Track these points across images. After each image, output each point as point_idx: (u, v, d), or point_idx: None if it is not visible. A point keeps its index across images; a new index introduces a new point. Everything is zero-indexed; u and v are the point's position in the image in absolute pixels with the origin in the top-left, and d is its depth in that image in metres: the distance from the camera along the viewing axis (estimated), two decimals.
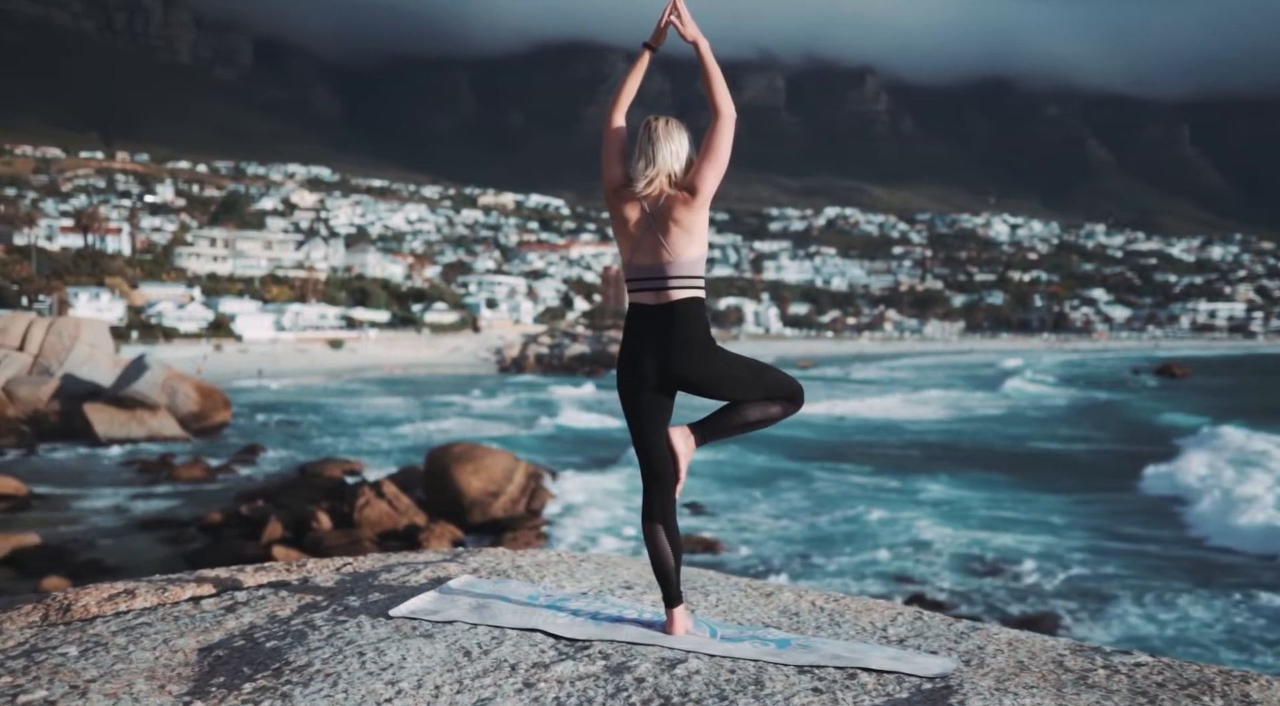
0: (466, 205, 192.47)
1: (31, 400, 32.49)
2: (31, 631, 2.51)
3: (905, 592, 15.47)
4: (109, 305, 71.75)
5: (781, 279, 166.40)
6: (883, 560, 17.73)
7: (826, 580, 16.34)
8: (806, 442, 32.87)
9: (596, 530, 19.65)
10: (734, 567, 17.05)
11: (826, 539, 19.45)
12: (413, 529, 18.21)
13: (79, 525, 19.79)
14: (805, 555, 18.25)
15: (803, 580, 16.43)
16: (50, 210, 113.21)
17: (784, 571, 17.01)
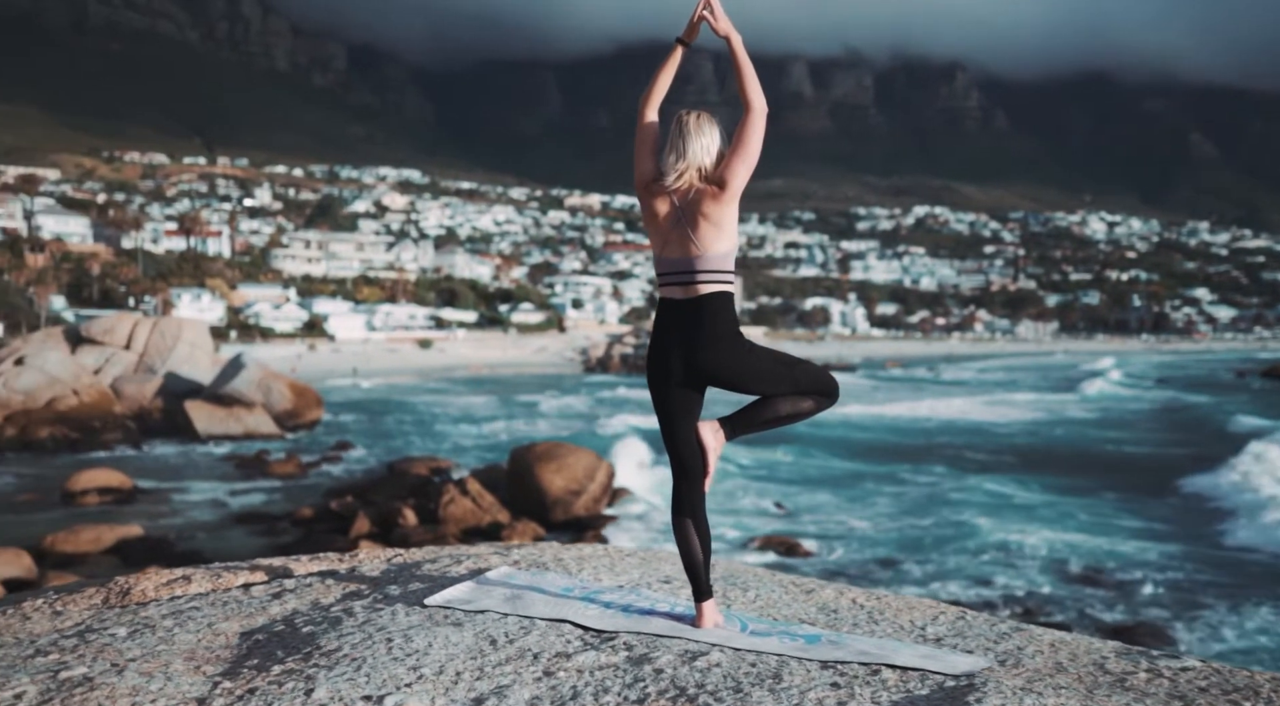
0: (553, 206, 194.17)
1: (136, 397, 33.79)
2: (90, 613, 2.62)
3: (991, 598, 15.19)
4: (209, 306, 74.16)
5: (869, 279, 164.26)
6: (969, 565, 17.41)
7: (909, 587, 16.11)
8: (893, 445, 32.44)
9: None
10: (814, 570, 16.94)
11: (912, 542, 19.16)
12: (496, 526, 18.45)
13: (178, 518, 20.52)
14: (890, 559, 18.01)
15: (886, 585, 16.25)
16: (156, 214, 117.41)
17: (865, 574, 16.84)
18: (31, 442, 28.61)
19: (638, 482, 23.14)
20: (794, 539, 18.83)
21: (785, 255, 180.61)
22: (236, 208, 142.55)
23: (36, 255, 77.16)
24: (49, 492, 22.31)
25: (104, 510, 20.91)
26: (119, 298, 73.28)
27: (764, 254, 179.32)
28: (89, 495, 21.81)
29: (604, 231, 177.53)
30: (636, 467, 24.59)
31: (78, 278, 75.10)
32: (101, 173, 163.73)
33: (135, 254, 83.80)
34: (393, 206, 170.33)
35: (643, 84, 2.91)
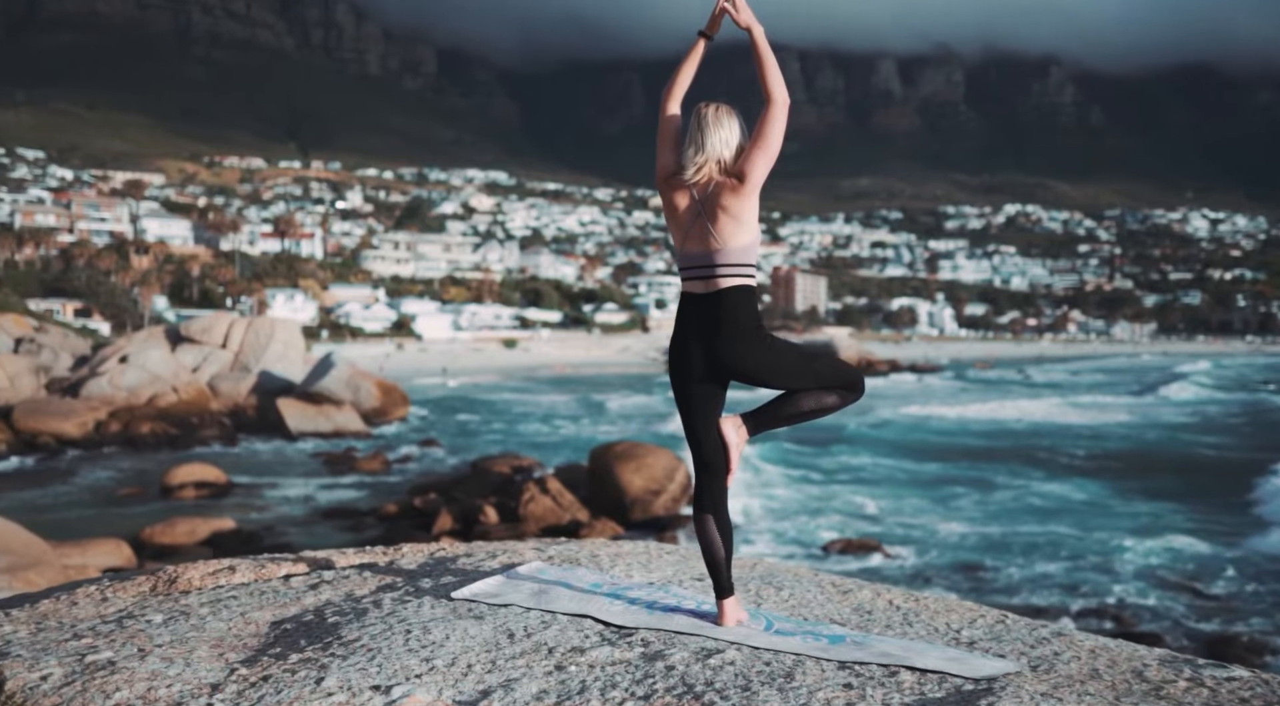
0: (638, 207, 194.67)
1: (232, 395, 34.86)
2: (134, 600, 2.71)
3: (1080, 606, 14.81)
4: (302, 306, 76.12)
5: (958, 279, 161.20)
6: (1057, 572, 17.00)
7: (993, 594, 15.79)
8: (981, 447, 31.83)
9: (752, 533, 19.60)
10: (894, 574, 16.72)
11: (998, 547, 18.78)
12: (575, 525, 18.59)
13: (269, 513, 21.11)
14: (974, 564, 17.68)
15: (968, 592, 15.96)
16: (253, 217, 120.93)
17: (946, 578, 16.56)
18: (134, 438, 29.69)
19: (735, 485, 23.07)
20: (876, 541, 18.61)
21: (871, 255, 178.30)
22: (329, 210, 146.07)
23: (141, 257, 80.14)
24: (149, 486, 23.14)
25: (200, 504, 21.64)
26: (217, 298, 75.72)
27: (849, 253, 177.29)
28: (186, 489, 22.58)
29: None
30: None
31: (179, 279, 77.79)
32: (203, 177, 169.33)
33: (233, 256, 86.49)
34: (479, 208, 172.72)
35: (725, 82, 2.88)
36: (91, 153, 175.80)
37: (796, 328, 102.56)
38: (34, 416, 29.09)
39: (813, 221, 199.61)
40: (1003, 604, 14.99)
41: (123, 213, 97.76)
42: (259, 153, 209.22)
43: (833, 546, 18.26)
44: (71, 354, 37.79)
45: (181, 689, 2.08)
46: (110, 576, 2.92)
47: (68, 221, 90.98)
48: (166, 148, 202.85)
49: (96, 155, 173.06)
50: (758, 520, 20.61)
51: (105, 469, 26.22)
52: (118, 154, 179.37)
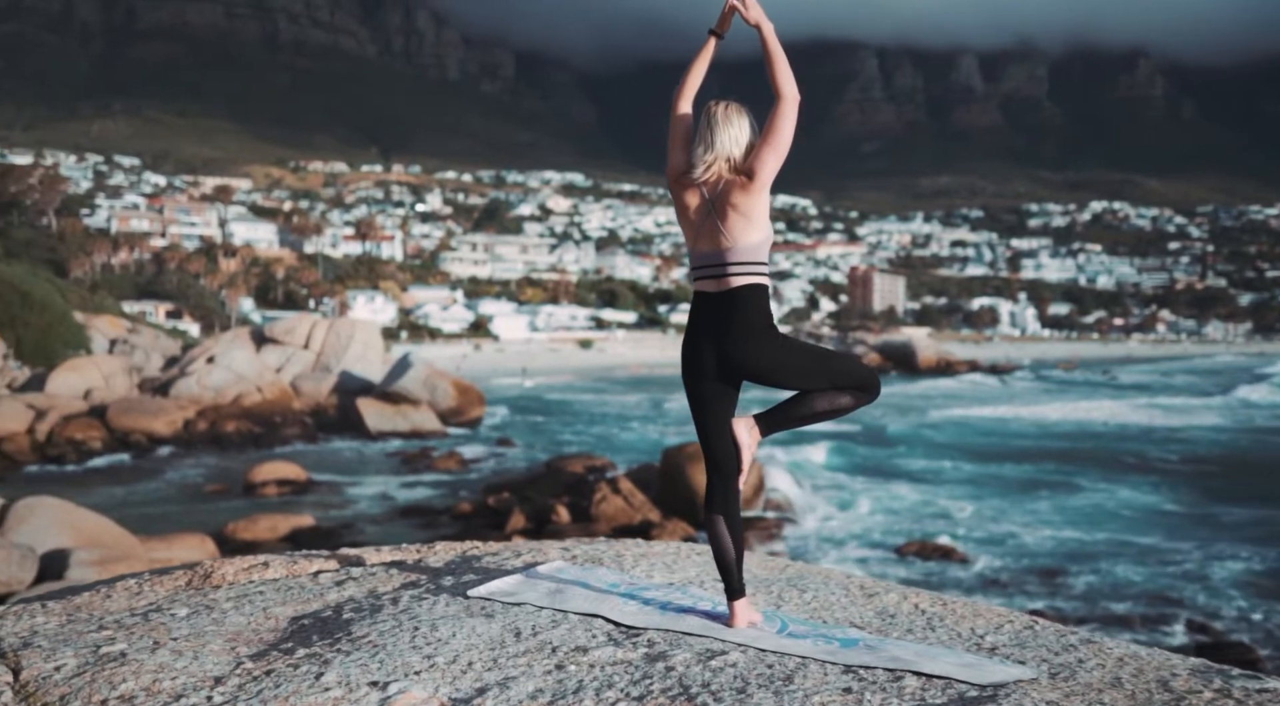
0: None
1: (314, 395, 35.65)
2: (166, 594, 2.79)
3: (1164, 614, 14.40)
4: (382, 307, 77.53)
5: (1041, 278, 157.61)
6: (1140, 579, 16.54)
7: (1070, 601, 15.42)
8: (1063, 450, 31.11)
9: (827, 537, 19.43)
10: (970, 579, 16.43)
11: (1078, 552, 18.36)
12: (646, 525, 18.62)
13: (347, 510, 21.54)
14: (1053, 569, 17.30)
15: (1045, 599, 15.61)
16: (335, 220, 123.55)
17: (1022, 584, 16.22)
18: (220, 436, 30.53)
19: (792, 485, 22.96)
20: (950, 545, 18.32)
21: (951, 254, 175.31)
22: (409, 213, 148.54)
23: (229, 260, 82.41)
24: (233, 483, 23.79)
25: (281, 500, 22.18)
26: (301, 300, 77.54)
27: (928, 253, 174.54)
28: (268, 486, 23.16)
29: None
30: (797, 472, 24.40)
31: (264, 281, 79.83)
32: (288, 182, 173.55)
33: (316, 258, 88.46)
34: (556, 209, 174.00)
35: (802, 81, 2.87)
36: (183, 159, 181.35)
37: (874, 328, 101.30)
38: (127, 415, 30.07)
39: (891, 221, 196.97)
40: (1081, 613, 14.64)
41: (212, 217, 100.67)
42: (342, 157, 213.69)
43: (907, 549, 18.03)
44: (162, 354, 39.03)
45: (185, 681, 2.13)
46: (152, 571, 3.02)
47: (160, 226, 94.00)
48: (254, 153, 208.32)
49: (188, 161, 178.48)
50: (834, 522, 20.43)
51: (192, 466, 27.02)
52: (208, 160, 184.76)
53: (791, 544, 18.50)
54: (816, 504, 22.01)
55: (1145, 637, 13.27)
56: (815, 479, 24.81)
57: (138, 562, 13.39)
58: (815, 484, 24.04)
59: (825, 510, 21.49)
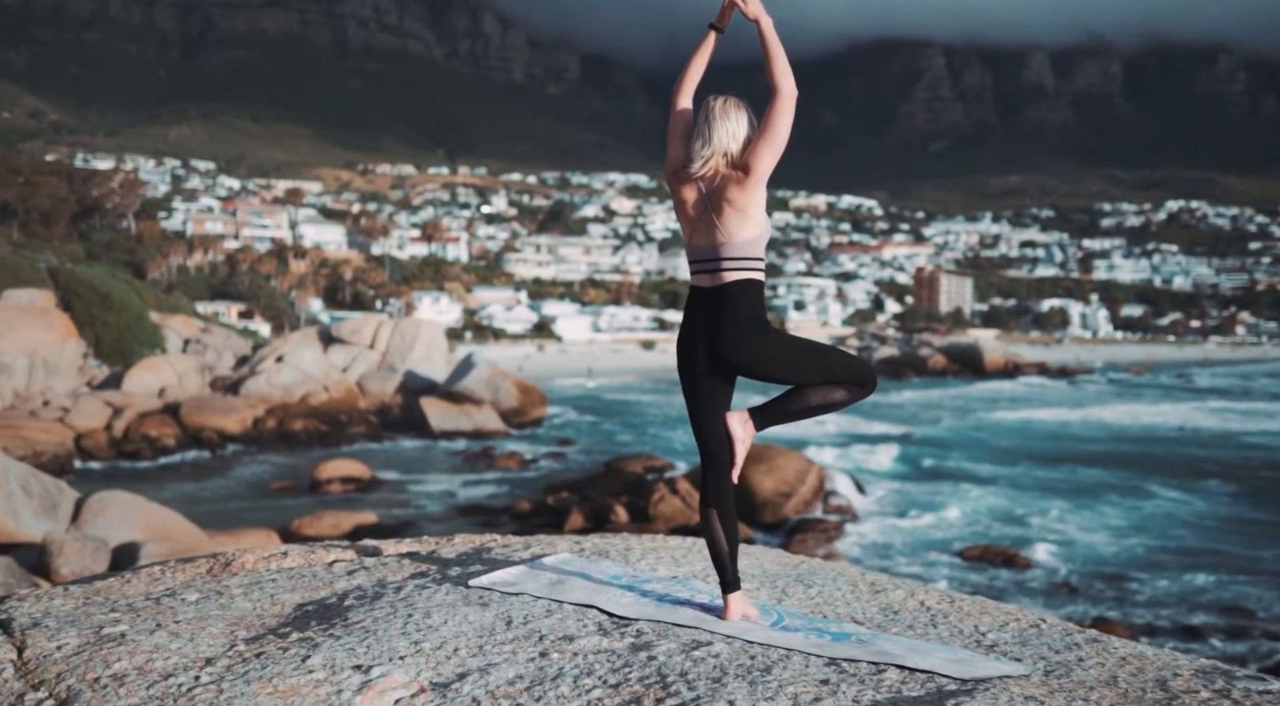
0: (778, 208, 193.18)
1: (379, 394, 36.21)
2: (184, 580, 2.88)
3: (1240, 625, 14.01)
4: (447, 308, 78.47)
5: (1114, 278, 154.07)
6: (1213, 588, 16.13)
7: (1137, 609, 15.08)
8: (1136, 454, 30.43)
9: (887, 540, 19.23)
10: (1032, 584, 16.16)
11: (1147, 559, 17.96)
12: None
13: (410, 508, 21.86)
14: (1120, 575, 16.95)
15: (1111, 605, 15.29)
16: (402, 222, 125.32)
17: (1087, 590, 15.91)
18: (288, 434, 31.15)
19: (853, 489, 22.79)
20: (1014, 549, 18.03)
21: (1021, 254, 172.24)
22: (474, 215, 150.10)
23: (299, 262, 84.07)
24: (300, 480, 24.27)
25: (346, 498, 22.58)
26: (368, 300, 78.79)
27: (997, 253, 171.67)
28: (333, 484, 23.61)
29: (829, 232, 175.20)
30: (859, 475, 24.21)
31: (333, 282, 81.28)
32: (357, 184, 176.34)
33: (383, 260, 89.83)
34: (620, 210, 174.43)
35: (870, 81, 2.82)
36: (256, 163, 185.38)
37: (940, 330, 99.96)
38: (199, 413, 30.84)
39: (959, 221, 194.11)
40: (1149, 620, 14.31)
41: (283, 219, 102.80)
42: (409, 160, 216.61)
43: (970, 553, 17.79)
44: (233, 353, 39.95)
45: (177, 661, 2.20)
46: (179, 559, 3.10)
47: (233, 228, 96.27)
48: (324, 157, 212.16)
49: (261, 165, 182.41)
50: (895, 526, 20.22)
51: (261, 463, 27.63)
52: (280, 163, 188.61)
53: (850, 547, 18.34)
54: (878, 507, 21.81)
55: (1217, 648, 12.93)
56: (878, 482, 24.59)
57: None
58: (877, 487, 23.83)
59: (887, 513, 21.30)
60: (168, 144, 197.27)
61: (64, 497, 15.38)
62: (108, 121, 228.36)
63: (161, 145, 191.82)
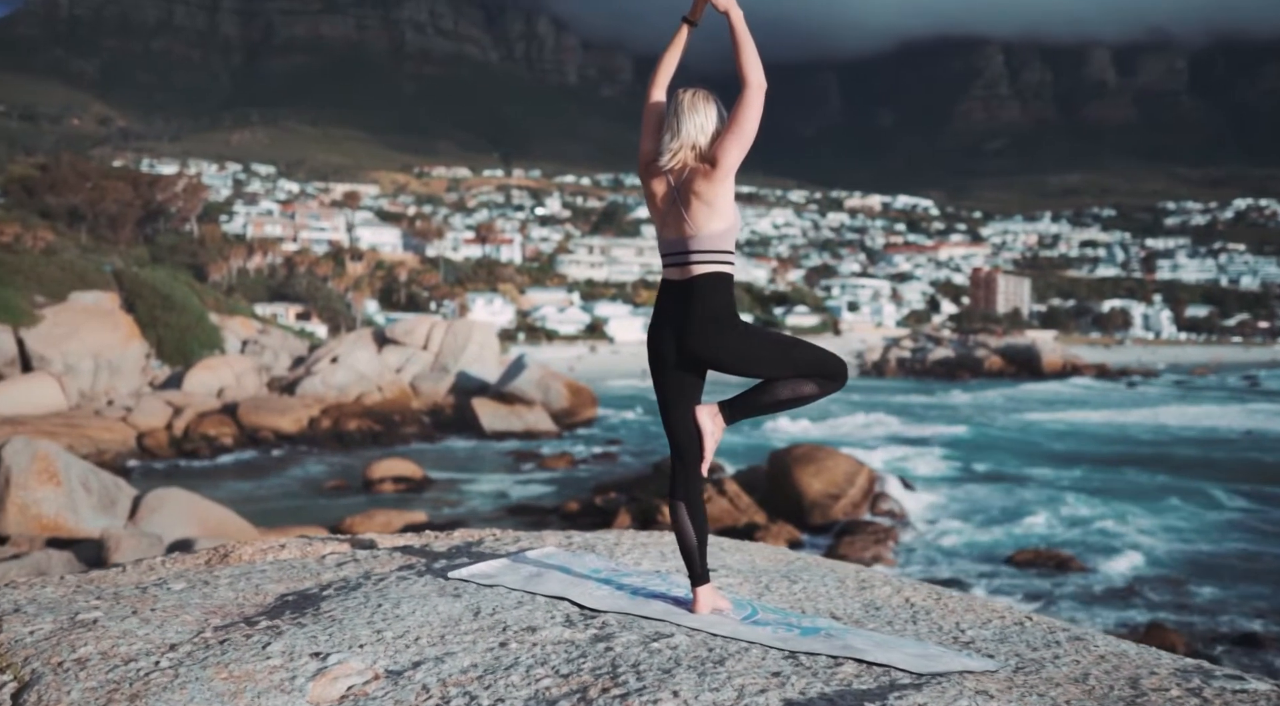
0: (833, 208, 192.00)
1: (431, 394, 36.60)
2: (179, 570, 2.93)
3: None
4: (501, 309, 79.03)
5: (1177, 279, 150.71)
6: (1272, 594, 15.71)
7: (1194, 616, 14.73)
8: (1197, 458, 29.75)
9: (936, 543, 19.00)
10: (1085, 588, 15.87)
11: (1208, 565, 17.55)
12: (752, 527, 18.54)
13: (460, 508, 22.03)
14: (1178, 579, 16.58)
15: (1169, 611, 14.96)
16: (457, 224, 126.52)
17: (1144, 595, 15.58)
18: (342, 434, 31.58)
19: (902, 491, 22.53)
20: (1068, 553, 17.71)
21: (1081, 254, 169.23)
22: (528, 216, 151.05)
23: (355, 264, 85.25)
24: (353, 480, 24.58)
25: (398, 497, 22.83)
26: (422, 302, 79.63)
27: (1056, 253, 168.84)
28: (385, 483, 23.88)
29: (884, 233, 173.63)
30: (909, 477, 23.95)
31: (388, 284, 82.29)
32: (413, 187, 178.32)
33: (437, 261, 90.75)
34: None
35: (926, 79, 2.82)
36: (315, 167, 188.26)
37: (996, 331, 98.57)
38: (256, 412, 31.39)
39: (1017, 221, 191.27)
40: (1206, 627, 13.99)
41: (340, 222, 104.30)
42: (464, 163, 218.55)
43: (1021, 557, 17.50)
44: (290, 354, 40.63)
45: (142, 647, 2.25)
46: (184, 550, 3.17)
47: (292, 231, 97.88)
48: (381, 160, 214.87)
49: (319, 169, 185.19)
50: (945, 529, 19.98)
51: (316, 462, 28.03)
52: (338, 167, 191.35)
53: (899, 550, 18.16)
54: (928, 510, 21.56)
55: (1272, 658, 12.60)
56: (929, 484, 24.32)
57: None
58: (928, 489, 23.56)
59: (938, 516, 21.04)
60: (230, 149, 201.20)
61: (122, 494, 15.77)
62: (173, 127, 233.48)
63: (224, 150, 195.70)
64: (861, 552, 17.36)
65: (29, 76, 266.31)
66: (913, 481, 23.78)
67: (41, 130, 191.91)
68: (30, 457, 14.82)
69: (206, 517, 15.20)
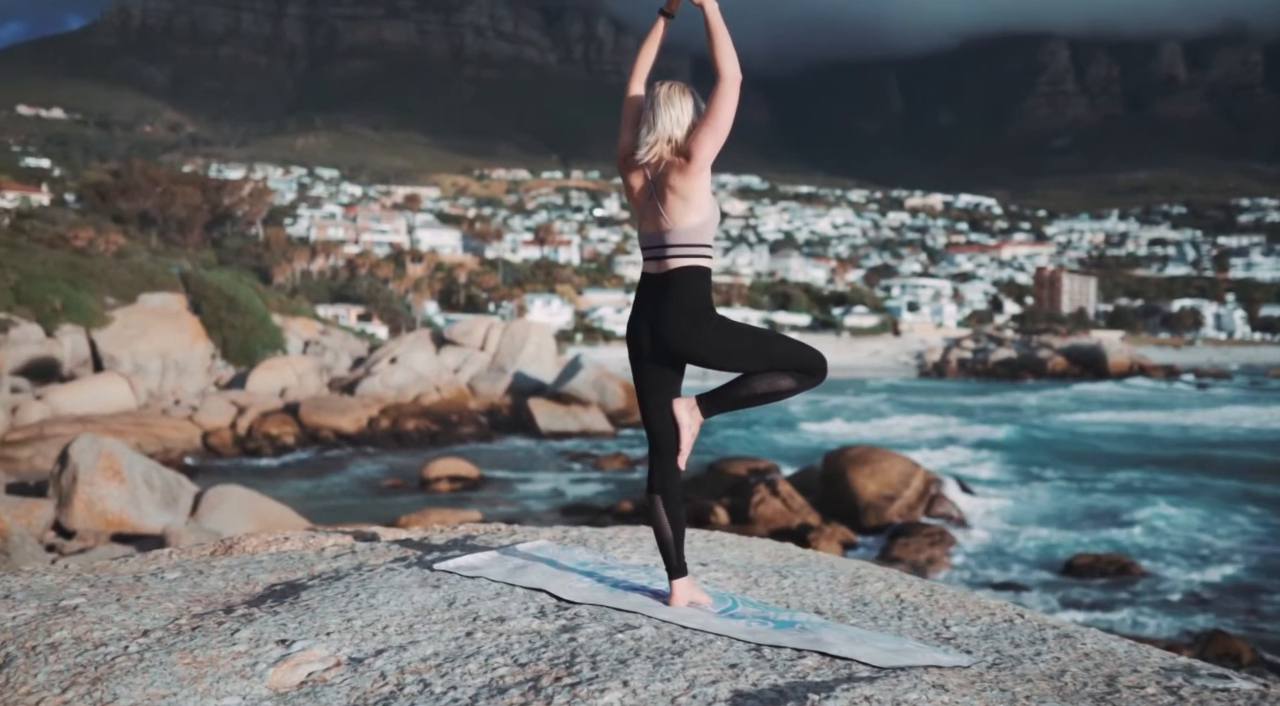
0: (893, 208, 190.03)
1: (489, 395, 36.92)
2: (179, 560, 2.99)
3: None
4: (558, 310, 79.45)
5: (1252, 277, 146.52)
6: None
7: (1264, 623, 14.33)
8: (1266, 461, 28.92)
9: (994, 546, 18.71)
10: (1146, 594, 15.51)
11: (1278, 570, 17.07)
12: (805, 528, 18.42)
13: (515, 507, 22.19)
14: (1248, 588, 16.14)
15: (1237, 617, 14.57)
16: (516, 226, 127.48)
17: (1211, 600, 15.19)
18: (400, 434, 31.97)
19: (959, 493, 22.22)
20: (1128, 558, 17.33)
21: (1150, 253, 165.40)
22: (587, 218, 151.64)
23: (415, 266, 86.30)
24: (410, 479, 24.88)
25: (454, 496, 23.07)
26: (481, 303, 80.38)
27: (1124, 252, 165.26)
28: (441, 482, 24.14)
29: (946, 232, 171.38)
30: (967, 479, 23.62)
31: (448, 285, 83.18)
32: (473, 190, 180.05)
33: (496, 263, 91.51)
34: (732, 212, 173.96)
35: (988, 76, 2.79)
36: (377, 170, 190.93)
37: (1060, 331, 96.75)
38: (317, 412, 31.90)
39: (1083, 219, 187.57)
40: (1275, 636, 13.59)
41: (401, 224, 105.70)
42: (523, 165, 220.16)
43: (1080, 561, 17.16)
44: (350, 355, 41.25)
45: (115, 632, 2.29)
46: (196, 544, 3.23)
47: (354, 234, 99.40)
48: (441, 163, 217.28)
49: (381, 172, 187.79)
50: (1004, 532, 19.67)
51: (374, 462, 28.42)
52: (399, 170, 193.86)
53: (955, 553, 17.92)
54: (986, 512, 21.24)
55: None
56: (988, 487, 23.96)
57: None
58: (987, 491, 23.22)
59: (996, 519, 20.73)
60: (294, 153, 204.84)
61: (184, 491, 16.13)
62: (240, 132, 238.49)
63: (289, 154, 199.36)
64: (916, 555, 17.15)
65: (104, 85, 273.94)
66: (971, 484, 23.43)
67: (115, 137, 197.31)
68: (96, 455, 15.21)
69: (264, 514, 15.48)
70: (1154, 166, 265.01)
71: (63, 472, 14.96)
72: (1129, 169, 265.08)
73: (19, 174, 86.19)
